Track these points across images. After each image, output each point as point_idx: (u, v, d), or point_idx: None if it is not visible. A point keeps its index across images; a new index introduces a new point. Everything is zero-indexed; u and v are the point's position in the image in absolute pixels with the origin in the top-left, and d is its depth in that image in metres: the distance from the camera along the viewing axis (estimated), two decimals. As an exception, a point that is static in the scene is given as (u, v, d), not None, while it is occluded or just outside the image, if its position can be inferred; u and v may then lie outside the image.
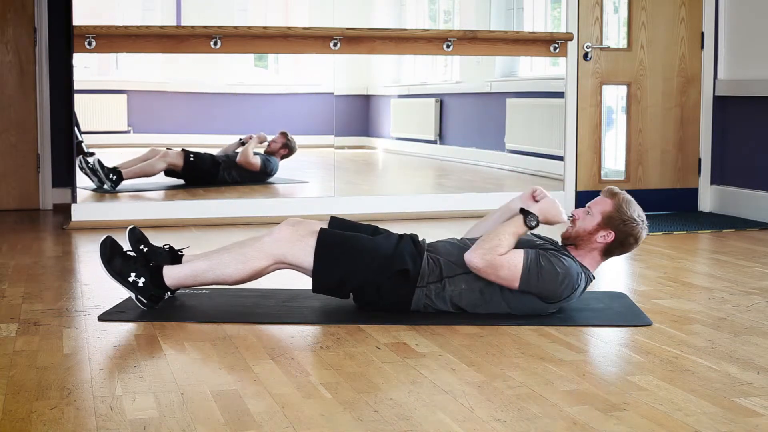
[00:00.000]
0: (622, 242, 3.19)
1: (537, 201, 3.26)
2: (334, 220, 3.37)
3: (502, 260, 3.07)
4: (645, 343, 2.90)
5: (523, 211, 3.16)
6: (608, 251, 3.22)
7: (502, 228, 3.14)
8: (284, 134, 6.32)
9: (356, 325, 3.09)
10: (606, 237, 3.18)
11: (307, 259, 3.16)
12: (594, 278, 3.27)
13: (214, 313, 3.29)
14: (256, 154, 6.28)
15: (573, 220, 3.23)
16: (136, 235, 3.42)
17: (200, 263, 3.25)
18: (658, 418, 2.21)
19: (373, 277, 3.15)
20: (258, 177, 6.32)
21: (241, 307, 3.35)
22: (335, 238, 3.20)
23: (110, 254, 3.24)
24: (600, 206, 3.20)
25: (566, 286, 3.12)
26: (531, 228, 3.15)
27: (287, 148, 6.34)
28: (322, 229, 3.20)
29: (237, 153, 6.23)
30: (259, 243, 3.22)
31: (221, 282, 3.26)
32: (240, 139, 6.28)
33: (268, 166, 6.33)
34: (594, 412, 2.26)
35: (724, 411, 2.27)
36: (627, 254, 3.38)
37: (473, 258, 3.10)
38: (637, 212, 3.21)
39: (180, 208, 5.56)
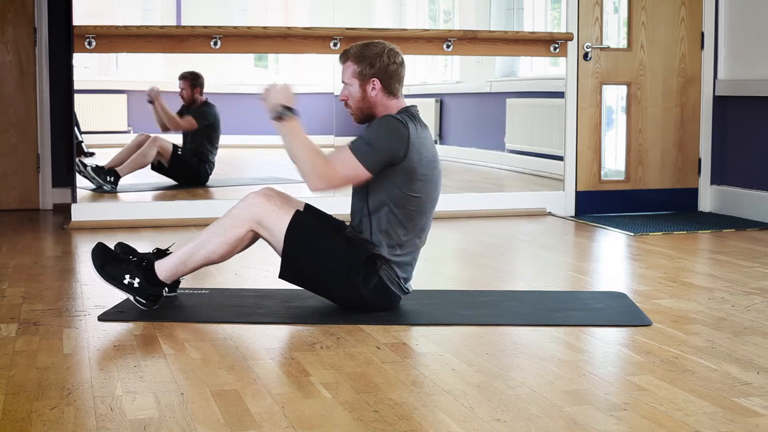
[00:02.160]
0: (388, 76, 3.22)
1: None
2: (308, 207, 3.37)
3: (332, 165, 3.12)
4: (645, 343, 2.90)
5: (274, 123, 3.18)
6: (389, 91, 3.23)
7: (293, 151, 3.15)
8: (182, 77, 6.24)
9: (356, 325, 3.09)
10: (375, 85, 3.22)
11: (280, 231, 3.17)
12: (416, 108, 3.27)
13: (214, 313, 3.29)
14: (183, 116, 6.22)
15: (345, 103, 3.28)
16: (123, 249, 3.42)
17: (185, 248, 3.27)
18: (658, 418, 2.22)
19: (340, 270, 3.16)
20: (209, 135, 6.24)
21: (241, 307, 3.35)
22: (308, 222, 3.22)
23: (102, 259, 3.25)
24: (347, 73, 3.25)
25: (394, 131, 3.12)
26: (282, 116, 3.14)
27: (198, 85, 6.25)
28: (298, 211, 3.21)
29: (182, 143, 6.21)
30: (234, 211, 3.24)
31: (209, 260, 3.26)
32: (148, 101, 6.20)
33: (205, 117, 6.23)
34: (594, 412, 2.26)
35: (724, 411, 2.27)
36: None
37: (314, 184, 3.13)
38: (371, 46, 3.24)
39: (180, 208, 5.55)
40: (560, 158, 5.99)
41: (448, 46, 5.79)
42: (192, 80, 6.21)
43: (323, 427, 2.16)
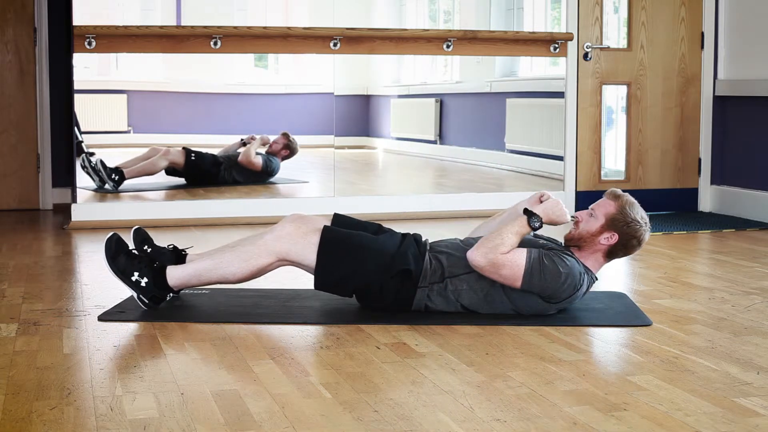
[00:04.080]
0: (625, 244, 3.20)
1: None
2: (338, 217, 3.36)
3: (504, 259, 3.08)
4: (645, 343, 2.90)
5: (527, 212, 3.15)
6: (611, 253, 3.22)
7: (506, 228, 3.14)
8: (286, 135, 6.33)
9: (356, 325, 3.09)
10: (610, 239, 3.18)
11: (311, 256, 3.16)
12: (597, 279, 3.28)
13: (214, 313, 3.29)
14: (258, 154, 6.29)
15: (576, 222, 3.24)
16: (141, 236, 3.42)
17: (203, 262, 3.25)
18: (658, 418, 2.21)
19: (375, 277, 3.16)
20: (259, 177, 6.32)
21: (241, 307, 3.35)
22: (339, 236, 3.20)
23: (115, 252, 3.24)
24: (603, 208, 3.20)
25: (568, 286, 3.12)
26: (534, 229, 3.14)
27: (288, 149, 6.35)
28: (326, 227, 3.20)
29: (239, 153, 6.24)
30: (262, 240, 3.21)
31: (224, 281, 3.26)
32: (242, 140, 6.28)
33: (269, 166, 6.33)
34: (594, 412, 2.26)
35: (724, 411, 2.27)
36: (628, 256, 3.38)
37: (476, 256, 3.10)
38: (640, 214, 3.22)
39: (180, 208, 5.55)
40: (560, 158, 5.99)
41: (448, 46, 5.79)
42: (288, 144, 6.32)
43: (323, 427, 2.16)
